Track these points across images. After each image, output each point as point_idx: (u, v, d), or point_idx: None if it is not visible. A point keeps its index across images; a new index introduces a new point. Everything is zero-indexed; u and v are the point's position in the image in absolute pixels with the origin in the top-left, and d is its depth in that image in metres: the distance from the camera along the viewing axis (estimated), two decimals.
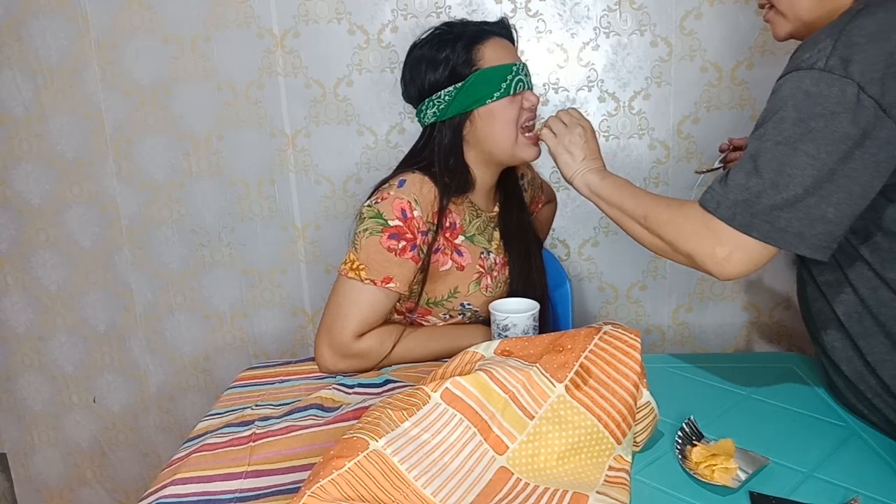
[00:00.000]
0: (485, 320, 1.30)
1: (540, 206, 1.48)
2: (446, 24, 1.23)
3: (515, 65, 1.18)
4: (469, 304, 1.23)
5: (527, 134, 1.20)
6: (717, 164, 1.24)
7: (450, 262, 1.20)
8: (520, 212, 1.33)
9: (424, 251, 1.16)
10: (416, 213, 1.13)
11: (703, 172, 1.26)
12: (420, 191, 1.15)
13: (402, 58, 1.25)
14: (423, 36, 1.22)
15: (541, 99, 1.72)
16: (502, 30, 1.23)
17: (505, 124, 1.17)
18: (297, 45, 1.73)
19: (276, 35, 1.73)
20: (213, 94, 1.78)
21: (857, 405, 0.96)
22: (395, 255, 1.12)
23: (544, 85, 1.72)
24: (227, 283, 1.90)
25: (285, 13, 1.72)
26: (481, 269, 1.23)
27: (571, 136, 1.11)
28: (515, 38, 1.27)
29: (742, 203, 0.85)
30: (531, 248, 1.33)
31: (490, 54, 1.17)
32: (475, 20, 1.26)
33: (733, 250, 0.86)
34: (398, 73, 1.23)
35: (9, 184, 1.88)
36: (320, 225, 1.85)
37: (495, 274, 1.25)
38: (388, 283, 1.13)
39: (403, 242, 1.13)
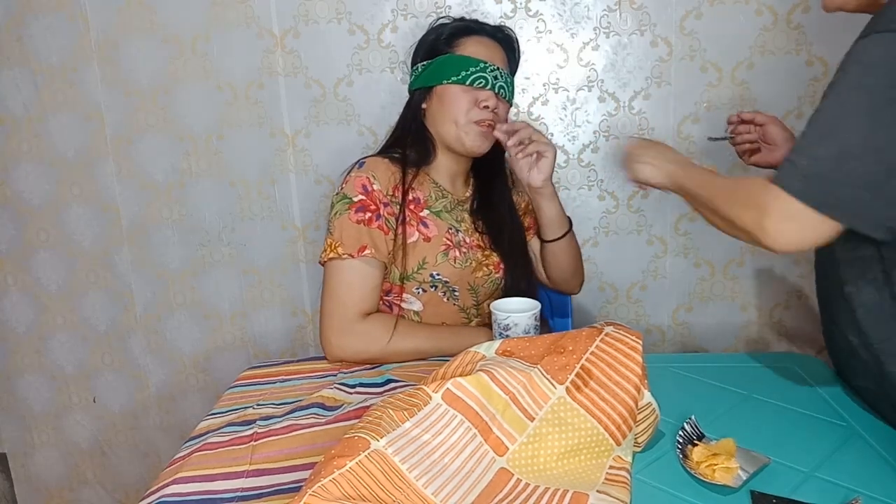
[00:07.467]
0: (484, 319, 1.30)
1: (533, 232, 1.41)
2: (460, 18, 1.32)
3: (485, 62, 1.22)
4: (438, 275, 1.24)
5: (481, 124, 1.23)
6: (727, 134, 1.29)
7: (416, 234, 1.24)
8: (498, 203, 1.34)
9: (392, 223, 1.21)
10: (375, 187, 1.20)
11: (716, 139, 1.31)
12: (377, 167, 1.23)
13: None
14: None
15: (535, 102, 1.73)
16: (497, 32, 1.29)
17: (453, 110, 1.23)
18: (297, 45, 1.73)
19: (276, 35, 1.73)
20: (213, 94, 1.78)
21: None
22: (364, 225, 1.19)
23: (544, 85, 1.72)
24: (227, 283, 1.90)
25: (285, 13, 1.72)
26: (448, 242, 1.26)
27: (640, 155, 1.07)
28: (516, 48, 1.32)
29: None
30: (511, 237, 1.33)
31: (469, 47, 1.24)
32: (486, 22, 1.32)
33: None
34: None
35: (9, 184, 1.88)
36: (320, 225, 1.85)
37: (465, 250, 1.27)
38: (363, 251, 1.17)
39: (369, 214, 1.19)
